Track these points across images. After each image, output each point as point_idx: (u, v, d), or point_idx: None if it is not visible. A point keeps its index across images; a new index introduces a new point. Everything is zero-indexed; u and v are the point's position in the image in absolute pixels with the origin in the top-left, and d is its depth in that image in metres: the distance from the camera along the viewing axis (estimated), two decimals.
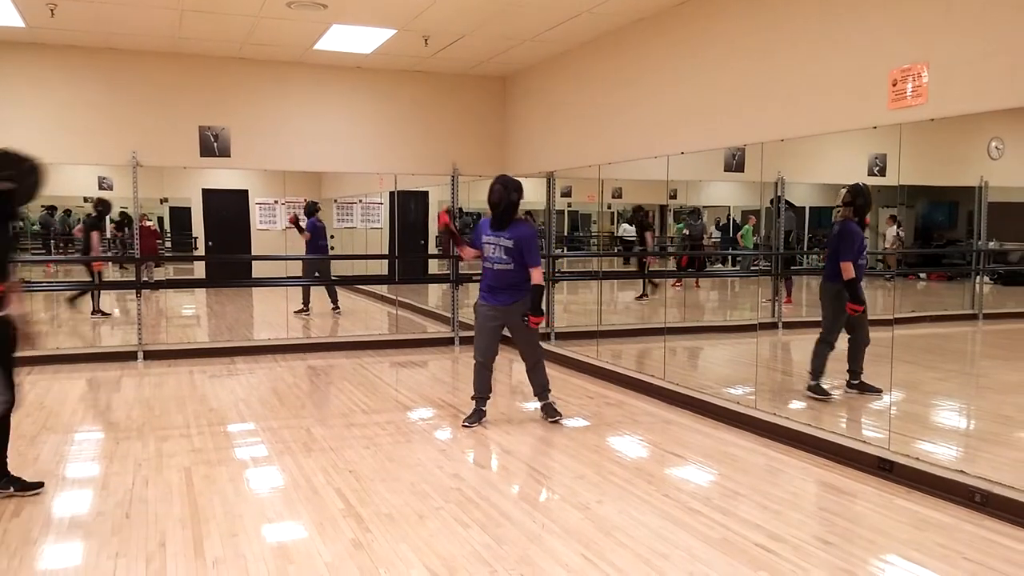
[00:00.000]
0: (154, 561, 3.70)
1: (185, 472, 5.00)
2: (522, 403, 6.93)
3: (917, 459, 4.85)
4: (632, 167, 7.98)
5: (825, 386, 6.44)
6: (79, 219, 12.63)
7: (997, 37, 4.36)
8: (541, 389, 6.35)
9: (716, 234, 12.84)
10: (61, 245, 13.57)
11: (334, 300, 12.45)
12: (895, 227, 8.56)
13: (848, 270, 6.19)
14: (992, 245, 7.94)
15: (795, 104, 5.79)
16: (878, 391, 6.35)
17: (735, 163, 7.27)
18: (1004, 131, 6.51)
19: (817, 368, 6.48)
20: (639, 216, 12.74)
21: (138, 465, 5.14)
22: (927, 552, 3.85)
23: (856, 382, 6.54)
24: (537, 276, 5.96)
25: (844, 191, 6.40)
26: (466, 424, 6.12)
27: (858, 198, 6.34)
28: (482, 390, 6.21)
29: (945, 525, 4.20)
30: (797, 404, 6.68)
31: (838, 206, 6.47)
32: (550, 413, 6.31)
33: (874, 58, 5.09)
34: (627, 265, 14.21)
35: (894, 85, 4.92)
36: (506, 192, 5.94)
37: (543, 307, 6.16)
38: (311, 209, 11.74)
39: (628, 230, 13.98)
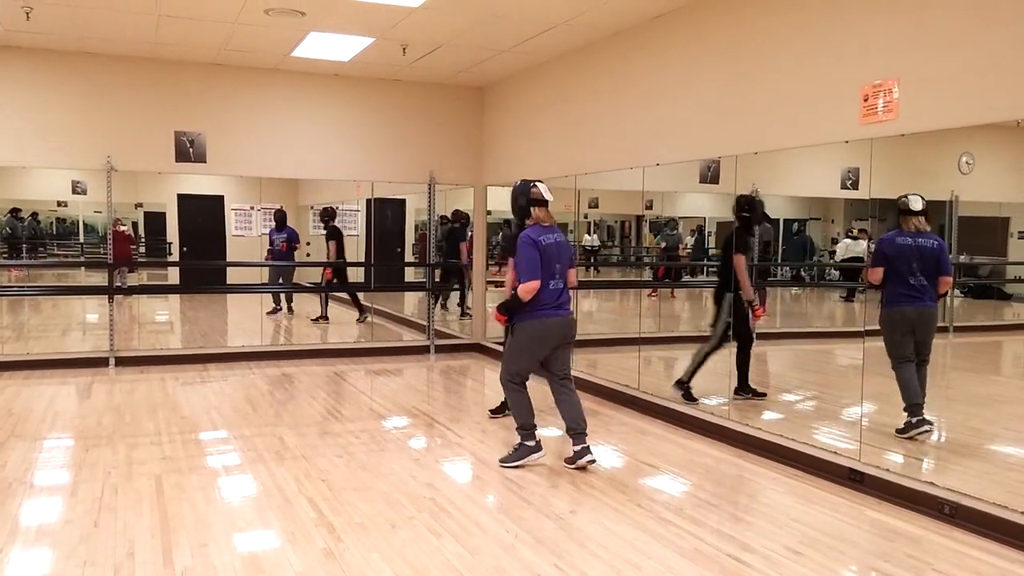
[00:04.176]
0: (122, 570, 3.66)
1: (155, 480, 4.95)
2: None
3: (888, 470, 4.90)
4: (608, 177, 8.01)
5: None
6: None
7: (967, 54, 4.44)
8: (516, 423, 5.59)
9: (690, 242, 12.92)
10: (28, 249, 13.41)
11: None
12: (866, 241, 8.65)
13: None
14: (963, 259, 8.03)
15: (769, 118, 5.85)
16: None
17: (710, 175, 7.31)
18: (974, 146, 6.59)
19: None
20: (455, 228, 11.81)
21: (107, 473, 5.08)
22: (897, 563, 3.89)
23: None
24: (521, 291, 5.25)
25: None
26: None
27: None
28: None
29: (914, 536, 4.25)
30: (769, 415, 6.72)
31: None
32: (508, 455, 5.53)
33: (846, 73, 5.15)
34: (595, 274, 14.43)
35: (865, 100, 4.98)
36: (512, 199, 5.51)
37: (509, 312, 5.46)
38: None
39: (589, 239, 14.23)
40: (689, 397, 6.79)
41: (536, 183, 5.47)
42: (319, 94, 9.66)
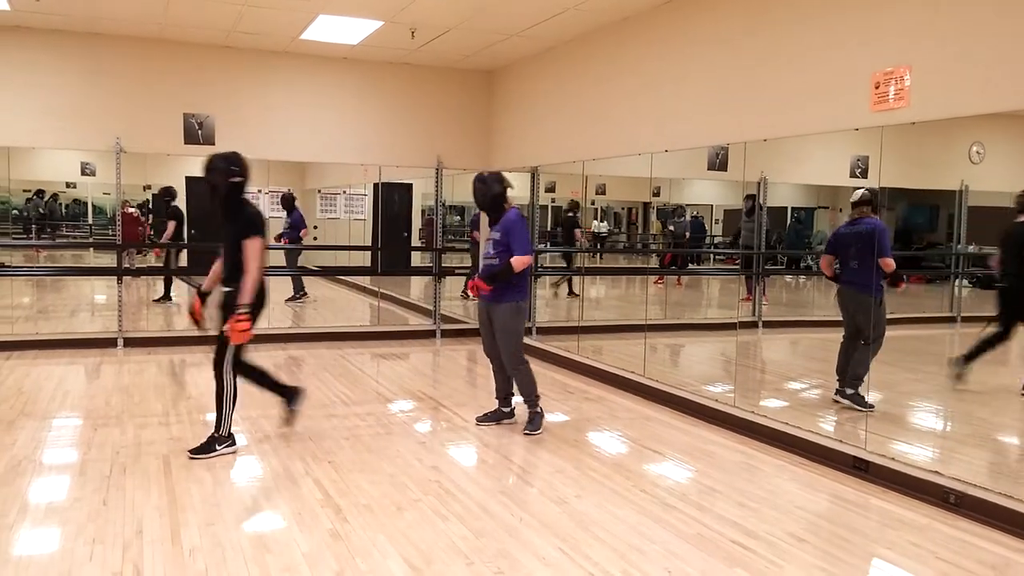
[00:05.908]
0: (131, 548, 3.69)
1: (163, 460, 4.99)
2: None
3: (893, 459, 4.90)
4: (616, 163, 8.00)
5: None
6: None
7: (980, 42, 4.41)
8: (524, 396, 5.91)
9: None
10: (49, 230, 13.48)
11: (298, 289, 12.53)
12: None
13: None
14: (971, 249, 8.02)
15: (778, 104, 5.82)
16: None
17: (718, 162, 7.30)
18: (985, 135, 6.58)
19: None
20: (571, 217, 12.33)
21: (116, 452, 5.12)
22: (901, 551, 3.90)
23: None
24: (516, 262, 5.58)
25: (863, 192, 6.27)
26: (479, 421, 6.07)
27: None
28: (496, 390, 6.07)
29: (919, 525, 4.26)
30: (775, 402, 6.73)
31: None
32: (530, 425, 5.84)
33: (857, 60, 5.12)
34: (599, 260, 14.54)
35: (877, 88, 4.96)
36: (485, 187, 5.80)
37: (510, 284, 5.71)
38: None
39: (598, 225, 14.24)
40: (961, 376, 6.64)
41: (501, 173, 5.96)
42: (327, 77, 9.65)
